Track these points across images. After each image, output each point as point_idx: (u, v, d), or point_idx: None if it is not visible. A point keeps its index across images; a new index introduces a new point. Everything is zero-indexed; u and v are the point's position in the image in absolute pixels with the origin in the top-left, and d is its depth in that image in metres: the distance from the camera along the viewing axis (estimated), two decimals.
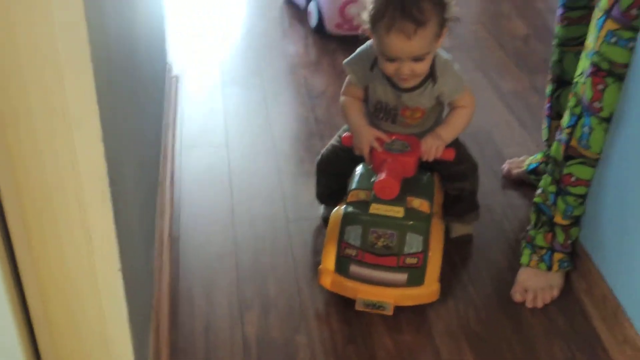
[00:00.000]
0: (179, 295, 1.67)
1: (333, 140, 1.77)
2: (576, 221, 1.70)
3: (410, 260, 1.60)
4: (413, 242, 1.59)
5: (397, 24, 1.44)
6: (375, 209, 1.58)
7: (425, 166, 1.66)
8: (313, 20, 2.79)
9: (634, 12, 1.42)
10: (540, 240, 1.72)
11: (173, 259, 1.75)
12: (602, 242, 1.64)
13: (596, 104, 1.54)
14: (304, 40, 2.80)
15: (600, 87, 1.52)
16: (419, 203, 1.60)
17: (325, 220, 1.80)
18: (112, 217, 1.04)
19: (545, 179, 1.74)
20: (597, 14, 1.50)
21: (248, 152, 2.16)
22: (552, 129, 1.91)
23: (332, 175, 1.77)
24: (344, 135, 1.68)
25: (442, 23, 1.50)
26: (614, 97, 1.52)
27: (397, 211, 1.58)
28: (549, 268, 1.71)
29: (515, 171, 2.07)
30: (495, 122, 2.33)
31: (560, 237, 1.70)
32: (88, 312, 1.10)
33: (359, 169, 1.68)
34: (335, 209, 1.71)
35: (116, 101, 1.18)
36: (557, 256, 1.71)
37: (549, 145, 1.88)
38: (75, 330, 1.11)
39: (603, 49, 1.49)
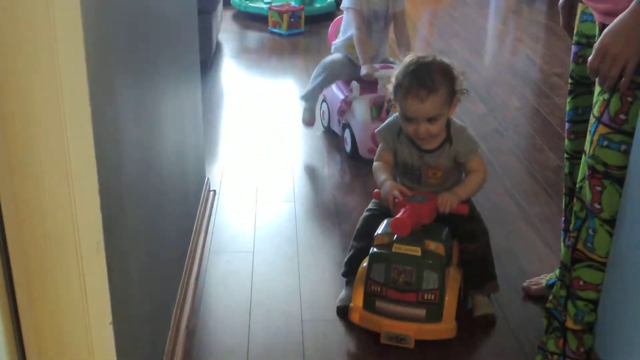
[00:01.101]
0: None
1: (370, 205, 2.04)
2: (589, 329, 1.68)
3: (428, 297, 1.82)
4: (430, 279, 1.82)
5: (413, 90, 1.81)
6: (397, 248, 1.83)
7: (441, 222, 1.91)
8: (348, 146, 2.94)
9: (622, 117, 1.50)
10: (552, 346, 1.70)
11: (187, 349, 1.80)
12: (617, 351, 1.61)
13: (597, 205, 1.58)
14: (339, 165, 2.94)
15: (598, 188, 1.57)
16: (435, 246, 1.84)
17: (340, 310, 1.95)
18: (107, 275, 1.14)
19: (557, 285, 1.75)
20: (591, 121, 1.58)
21: (272, 259, 2.24)
22: None
23: (366, 237, 1.96)
24: (375, 191, 1.96)
25: (452, 92, 1.86)
26: (612, 199, 1.56)
27: (416, 250, 1.82)
28: None
29: (534, 287, 2.08)
30: (520, 243, 2.36)
31: (573, 343, 1.68)
32: None
33: (385, 221, 1.92)
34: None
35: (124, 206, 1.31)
36: None
37: None
38: None
39: (597, 152, 1.55)
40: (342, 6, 3.04)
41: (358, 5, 2.94)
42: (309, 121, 3.16)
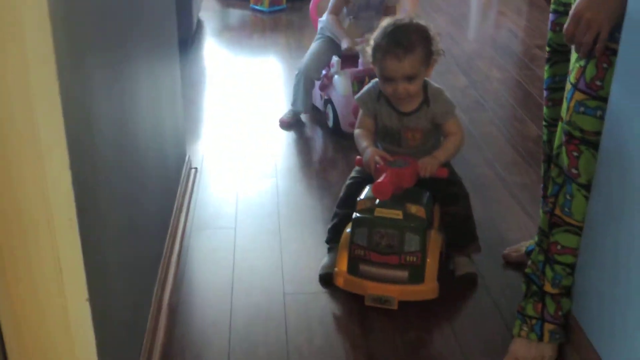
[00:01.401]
0: (171, 358, 1.70)
1: (353, 173, 2.08)
2: (566, 292, 1.70)
3: (410, 258, 1.86)
4: (412, 242, 1.85)
5: (391, 50, 1.86)
6: (379, 212, 1.86)
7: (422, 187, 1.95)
8: (330, 122, 2.94)
9: (597, 83, 1.50)
10: (530, 310, 1.72)
11: (169, 325, 1.80)
12: (594, 314, 1.63)
13: (574, 171, 1.59)
14: (322, 140, 2.94)
15: (575, 154, 1.58)
16: (416, 209, 1.88)
17: (323, 278, 1.99)
18: (80, 249, 1.13)
19: (535, 250, 1.77)
20: (568, 87, 1.59)
21: (254, 234, 2.25)
22: None
23: (349, 204, 1.99)
24: (357, 157, 1.99)
25: (429, 52, 1.91)
26: (589, 164, 1.57)
27: (397, 214, 1.85)
28: (540, 338, 1.70)
29: (514, 254, 2.10)
30: (500, 212, 2.38)
31: (551, 307, 1.70)
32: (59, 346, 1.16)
33: (367, 187, 1.95)
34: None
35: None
36: (548, 327, 1.70)
37: None
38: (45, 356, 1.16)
39: (573, 118, 1.56)
40: None
41: None
42: (285, 121, 3.05)
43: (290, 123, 3.02)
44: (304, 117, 3.14)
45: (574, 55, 1.58)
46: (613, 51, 1.46)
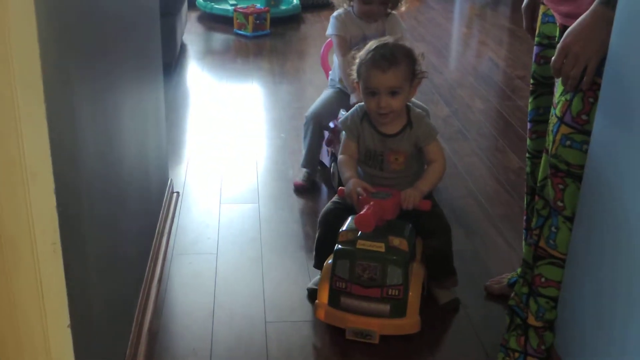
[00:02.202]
0: None
1: (334, 199, 2.07)
2: (550, 326, 1.70)
3: (392, 292, 1.84)
4: (394, 275, 1.84)
5: (376, 62, 1.90)
6: (361, 244, 1.85)
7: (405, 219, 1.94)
8: (334, 182, 2.69)
9: (584, 117, 1.52)
10: (513, 343, 1.72)
11: (149, 351, 1.77)
12: (577, 348, 1.62)
13: (559, 203, 1.60)
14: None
15: (560, 186, 1.59)
16: (398, 242, 1.86)
17: (311, 293, 2.00)
18: (63, 274, 1.11)
19: (519, 282, 1.77)
20: (553, 120, 1.60)
21: (236, 260, 2.23)
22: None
23: (331, 227, 1.98)
24: (339, 188, 1.98)
25: (413, 71, 1.94)
26: (575, 197, 1.58)
27: (379, 246, 1.84)
28: None
29: (496, 286, 2.10)
30: (482, 243, 2.38)
31: (534, 341, 1.70)
32: None
33: (350, 218, 1.94)
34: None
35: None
36: None
37: None
38: None
39: (559, 151, 1.57)
40: (327, 34, 2.75)
41: (341, 31, 2.65)
42: (299, 184, 2.73)
43: (306, 187, 2.72)
44: (286, 144, 3.13)
45: (559, 88, 1.59)
46: (599, 86, 1.48)
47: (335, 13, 2.67)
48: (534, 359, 1.69)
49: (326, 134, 2.77)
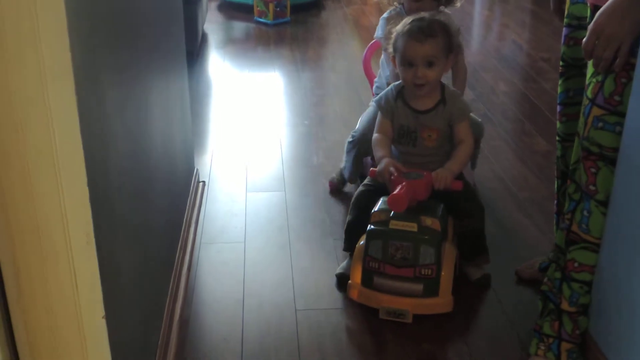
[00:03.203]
0: None
1: (366, 181, 2.08)
2: (584, 310, 1.68)
3: (425, 271, 1.84)
4: (426, 254, 1.84)
5: (413, 34, 1.90)
6: (394, 224, 1.85)
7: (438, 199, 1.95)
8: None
9: (616, 98, 1.49)
10: (547, 329, 1.70)
11: (181, 340, 1.78)
12: (612, 333, 1.60)
13: (592, 187, 1.58)
14: (329, 153, 2.92)
15: (593, 170, 1.56)
16: (431, 222, 1.86)
17: (340, 278, 2.02)
18: (97, 265, 1.12)
19: (551, 267, 1.75)
20: (585, 102, 1.57)
21: (264, 249, 2.23)
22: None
23: (363, 209, 1.99)
24: (371, 169, 1.98)
25: (449, 45, 1.93)
26: (607, 180, 1.55)
27: (412, 226, 1.84)
28: (558, 358, 1.67)
29: (528, 271, 2.08)
30: (511, 228, 2.36)
31: (568, 326, 1.68)
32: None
33: (382, 198, 1.94)
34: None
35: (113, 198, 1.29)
36: (566, 346, 1.68)
37: None
38: None
39: (591, 134, 1.54)
40: (375, 36, 2.48)
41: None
42: (333, 184, 2.60)
43: (339, 188, 2.59)
44: (311, 131, 3.12)
45: (590, 70, 1.56)
46: (632, 66, 1.45)
47: (385, 14, 2.44)
48: (568, 344, 1.68)
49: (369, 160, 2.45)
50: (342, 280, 2.00)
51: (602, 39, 1.43)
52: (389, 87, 2.06)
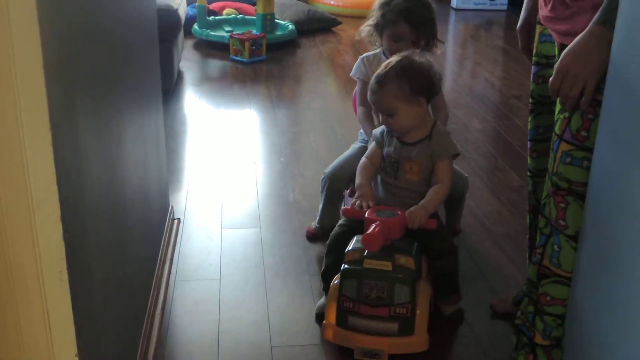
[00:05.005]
0: None
1: (341, 221, 2.09)
2: (557, 343, 1.69)
3: (400, 310, 1.84)
4: (401, 293, 1.84)
5: (372, 84, 1.98)
6: (368, 263, 1.86)
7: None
8: None
9: (583, 133, 1.53)
10: None
11: None
12: None
13: (561, 222, 1.60)
14: (304, 190, 2.93)
15: (562, 205, 1.59)
16: (405, 260, 1.86)
17: (318, 317, 2.02)
18: (70, 303, 1.11)
19: (524, 301, 1.77)
20: (553, 138, 1.61)
21: (239, 286, 2.22)
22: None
23: (339, 252, 1.97)
24: (343, 207, 2.01)
25: (417, 87, 1.96)
26: (577, 215, 1.58)
27: (386, 265, 1.84)
28: None
29: (501, 304, 2.10)
30: (485, 262, 2.38)
31: (542, 358, 1.69)
32: None
33: (356, 237, 1.94)
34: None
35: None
36: None
37: None
38: None
39: (560, 169, 1.58)
40: (351, 74, 2.45)
41: (366, 76, 2.32)
42: (311, 231, 2.54)
43: (317, 235, 2.52)
44: (286, 168, 3.14)
45: (558, 106, 1.60)
46: (598, 102, 1.49)
47: (363, 55, 2.42)
48: None
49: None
50: (322, 318, 1.98)
51: (568, 78, 1.47)
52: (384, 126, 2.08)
